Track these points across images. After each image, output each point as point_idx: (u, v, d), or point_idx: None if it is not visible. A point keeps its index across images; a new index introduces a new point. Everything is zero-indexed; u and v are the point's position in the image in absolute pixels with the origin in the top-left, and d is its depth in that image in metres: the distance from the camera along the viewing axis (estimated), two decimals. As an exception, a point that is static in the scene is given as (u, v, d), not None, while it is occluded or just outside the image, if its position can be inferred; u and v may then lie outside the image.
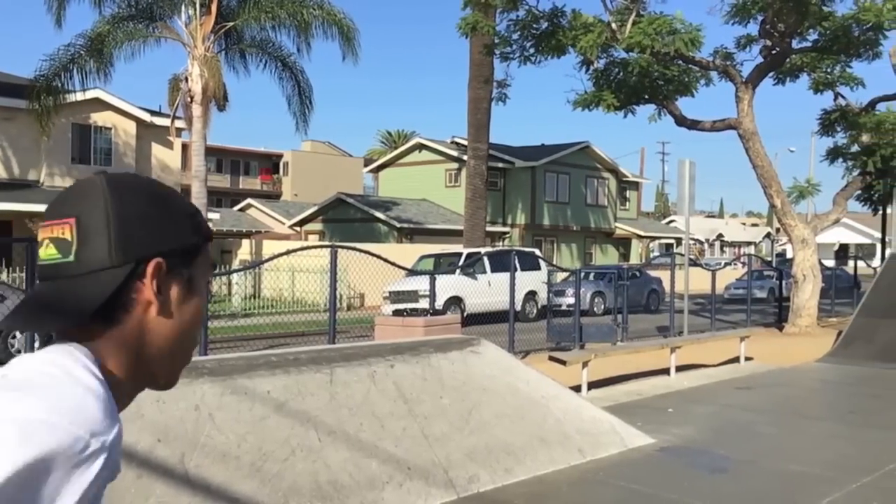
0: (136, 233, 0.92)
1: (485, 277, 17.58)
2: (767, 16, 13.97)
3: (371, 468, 4.56)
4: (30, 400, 0.80)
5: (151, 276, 0.93)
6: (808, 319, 15.08)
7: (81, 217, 0.91)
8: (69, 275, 0.91)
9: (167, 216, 0.96)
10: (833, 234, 47.76)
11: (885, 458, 5.83)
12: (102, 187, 0.92)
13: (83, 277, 0.90)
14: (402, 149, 40.02)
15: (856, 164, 16.82)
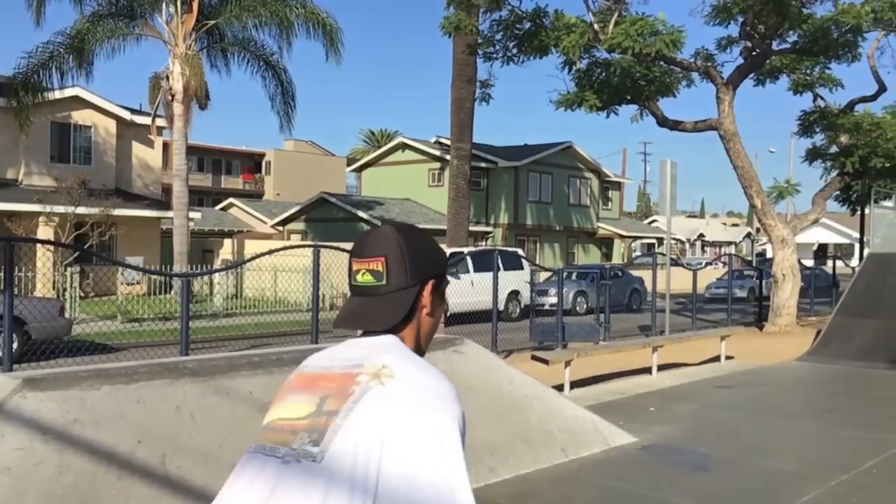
0: (420, 264, 1.44)
1: (468, 277, 17.58)
2: (748, 17, 14.09)
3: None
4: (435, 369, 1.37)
5: (429, 292, 1.45)
6: (787, 318, 15.22)
7: (388, 256, 1.42)
8: (382, 293, 1.42)
9: (434, 251, 1.48)
10: (812, 234, 48.26)
11: (863, 456, 5.89)
12: (396, 236, 1.44)
13: (392, 295, 1.42)
14: (385, 148, 39.95)
15: (834, 165, 17.00)
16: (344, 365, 1.40)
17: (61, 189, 20.50)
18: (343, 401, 1.32)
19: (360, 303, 1.47)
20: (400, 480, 1.23)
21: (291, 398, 1.44)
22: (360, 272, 1.46)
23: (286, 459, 1.33)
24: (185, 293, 7.96)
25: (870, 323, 12.69)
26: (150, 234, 24.58)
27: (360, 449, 1.25)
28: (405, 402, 1.29)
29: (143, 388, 4.16)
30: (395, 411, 1.28)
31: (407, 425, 1.26)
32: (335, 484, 1.25)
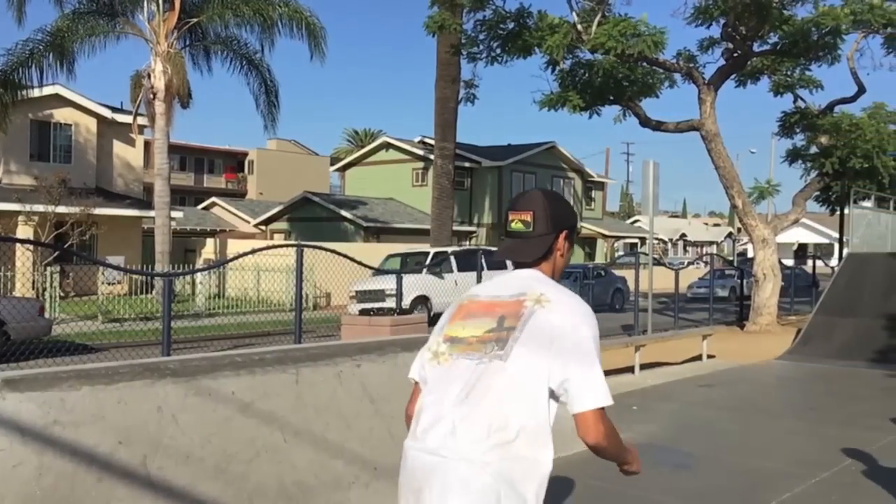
0: (557, 218, 2.09)
1: (452, 277, 17.59)
2: (729, 19, 14.19)
3: (337, 469, 4.54)
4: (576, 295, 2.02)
5: (563, 239, 2.10)
6: (768, 318, 15.34)
7: (535, 211, 2.07)
8: (529, 237, 2.06)
9: (568, 210, 2.15)
10: (792, 234, 48.71)
11: (843, 454, 5.96)
12: (542, 196, 2.10)
13: (537, 238, 2.06)
14: (369, 148, 39.89)
15: (814, 166, 17.16)
16: (511, 294, 2.07)
17: (41, 188, 20.29)
18: (517, 320, 2.00)
19: (513, 243, 2.14)
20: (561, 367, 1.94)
21: (474, 319, 2.07)
22: (514, 221, 2.12)
23: (482, 361, 1.98)
24: (167, 293, 7.91)
25: (849, 322, 12.83)
26: (131, 233, 24.38)
27: (533, 351, 1.95)
28: (562, 318, 1.98)
29: (124, 389, 4.13)
30: (556, 324, 1.96)
31: (565, 333, 1.95)
32: (519, 375, 1.94)
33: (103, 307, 16.25)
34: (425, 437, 2.05)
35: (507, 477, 1.94)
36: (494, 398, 1.95)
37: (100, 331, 12.83)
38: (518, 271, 2.13)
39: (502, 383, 1.95)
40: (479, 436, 1.92)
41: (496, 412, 1.94)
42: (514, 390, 1.95)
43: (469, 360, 2.00)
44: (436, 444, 1.99)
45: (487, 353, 1.98)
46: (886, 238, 17.81)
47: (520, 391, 1.95)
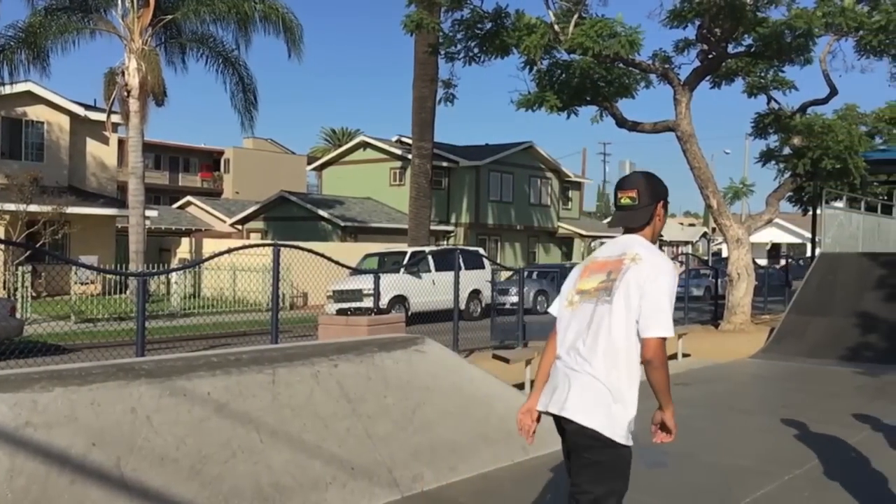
0: (654, 192, 2.91)
1: (429, 276, 17.58)
2: (704, 21, 14.32)
3: (314, 469, 4.51)
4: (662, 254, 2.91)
5: (661, 207, 2.91)
6: (742, 317, 15.51)
7: (638, 188, 2.90)
8: (636, 209, 2.88)
9: (662, 185, 2.98)
10: (766, 233, 49.30)
11: (815, 452, 6.04)
12: (641, 176, 2.96)
13: (641, 209, 2.87)
14: (346, 147, 39.75)
15: (787, 167, 17.35)
16: (617, 254, 2.88)
17: (12, 186, 19.98)
18: (619, 273, 2.80)
19: (623, 214, 2.94)
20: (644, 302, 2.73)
21: (594, 275, 2.91)
22: (622, 198, 2.93)
23: (597, 305, 2.82)
24: (141, 293, 7.82)
25: (821, 321, 13.01)
26: (104, 232, 24.09)
27: (630, 293, 2.76)
28: (648, 272, 2.76)
29: (97, 390, 4.08)
30: (643, 276, 2.76)
31: (648, 282, 2.75)
32: (618, 313, 2.76)
33: (76, 307, 16.04)
34: (564, 356, 2.91)
35: (616, 386, 2.83)
36: (605, 331, 2.80)
37: (73, 331, 12.66)
38: (625, 235, 2.96)
39: (609, 320, 2.80)
40: (596, 357, 2.81)
41: (606, 341, 2.79)
42: (616, 325, 2.78)
43: (589, 304, 2.88)
44: (569, 361, 2.88)
45: (600, 299, 2.84)
46: (858, 238, 18.08)
47: (621, 325, 2.78)
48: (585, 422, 2.83)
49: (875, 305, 13.03)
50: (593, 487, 2.93)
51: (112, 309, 16.28)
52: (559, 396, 2.87)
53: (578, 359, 2.83)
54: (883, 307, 12.91)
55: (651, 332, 2.74)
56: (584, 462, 2.93)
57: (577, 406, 2.82)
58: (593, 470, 2.93)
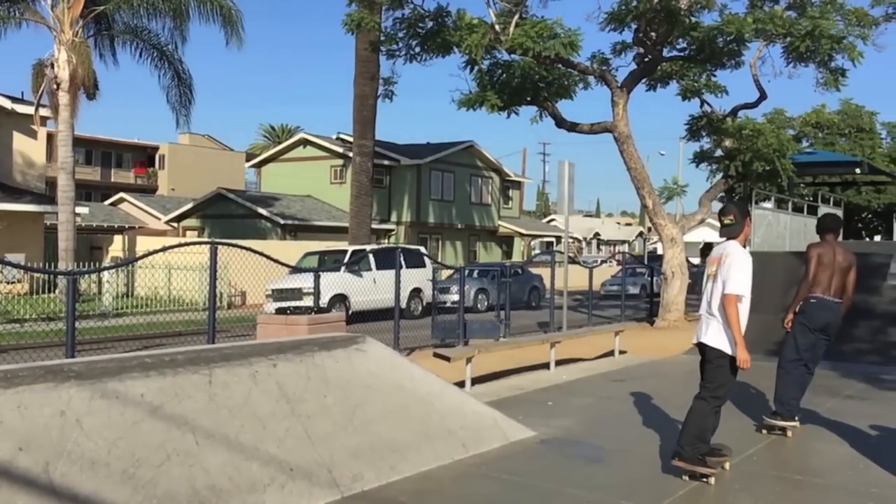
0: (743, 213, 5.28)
1: (370, 275, 17.50)
2: (641, 24, 14.63)
3: (252, 471, 4.45)
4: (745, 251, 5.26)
5: (748, 223, 5.24)
6: (676, 314, 15.90)
7: (734, 212, 5.25)
8: (732, 226, 5.19)
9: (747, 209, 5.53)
10: (698, 233, 50.54)
11: (745, 444, 6.25)
12: (734, 204, 5.44)
13: (735, 225, 5.18)
14: (286, 144, 39.27)
15: (719, 168, 17.86)
16: (719, 254, 5.16)
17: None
18: (721, 264, 5.09)
19: (726, 229, 5.13)
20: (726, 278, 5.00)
21: (710, 266, 5.23)
22: (724, 220, 5.17)
23: (714, 283, 5.14)
24: (71, 292, 7.59)
25: (751, 317, 13.39)
26: (32, 229, 23.22)
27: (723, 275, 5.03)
28: (733, 261, 5.02)
29: (24, 393, 3.94)
30: (731, 263, 5.01)
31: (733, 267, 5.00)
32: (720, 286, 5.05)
33: (2, 307, 15.43)
34: (703, 311, 5.26)
35: (722, 324, 5.08)
36: (716, 297, 5.07)
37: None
38: (728, 241, 5.16)
39: (717, 290, 5.06)
40: (712, 308, 5.15)
41: (717, 301, 5.07)
42: (719, 292, 5.05)
43: (710, 284, 5.20)
44: (705, 313, 5.24)
45: (715, 280, 5.13)
46: (785, 238, 18.74)
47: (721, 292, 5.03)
48: (713, 343, 5.17)
49: (801, 302, 13.52)
50: (715, 379, 5.25)
51: (40, 309, 15.72)
52: (701, 332, 5.27)
53: (707, 313, 5.27)
54: (808, 304, 13.40)
55: (728, 290, 5.01)
56: (712, 366, 5.23)
57: (710, 336, 5.18)
58: (716, 370, 5.22)
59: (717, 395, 5.22)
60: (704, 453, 5.12)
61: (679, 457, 5.13)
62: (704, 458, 5.10)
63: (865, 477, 5.37)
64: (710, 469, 5.09)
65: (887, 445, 6.24)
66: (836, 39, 14.48)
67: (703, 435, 5.16)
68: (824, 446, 6.29)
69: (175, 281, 18.71)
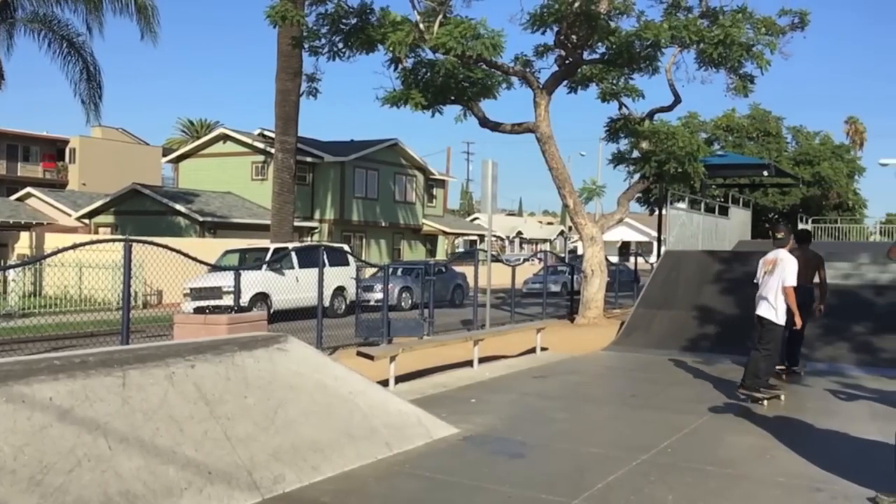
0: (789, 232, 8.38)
1: (292, 273, 17.26)
2: (562, 27, 14.90)
3: (168, 475, 4.33)
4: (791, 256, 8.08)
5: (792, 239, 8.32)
6: (595, 311, 16.26)
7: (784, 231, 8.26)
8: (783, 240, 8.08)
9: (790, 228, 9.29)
10: (617, 232, 51.99)
11: (660, 437, 6.45)
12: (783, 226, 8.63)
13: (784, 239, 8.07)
14: (205, 139, 38.28)
15: (636, 169, 18.36)
16: (773, 257, 7.92)
17: None
18: (776, 264, 7.83)
19: (778, 241, 8.00)
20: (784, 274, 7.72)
21: (766, 265, 7.96)
22: (777, 235, 8.11)
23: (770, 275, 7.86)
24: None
25: (666, 314, 13.89)
26: (-71, 226, 21.92)
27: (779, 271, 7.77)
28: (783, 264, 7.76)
29: (-81, 399, 3.72)
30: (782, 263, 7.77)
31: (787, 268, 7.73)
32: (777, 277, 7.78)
33: None
34: (760, 294, 7.93)
35: (775, 303, 7.74)
36: (772, 285, 7.78)
37: None
38: (779, 249, 7.89)
39: (773, 281, 7.77)
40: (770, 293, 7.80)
41: (773, 288, 7.76)
42: (776, 282, 7.72)
43: (768, 276, 7.85)
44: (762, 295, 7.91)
45: (771, 273, 7.82)
46: (698, 237, 19.44)
47: (777, 282, 7.71)
48: (766, 315, 7.77)
49: (713, 299, 14.07)
50: (765, 338, 7.80)
51: (-62, 310, 14.86)
52: (758, 308, 7.83)
53: (762, 296, 7.80)
54: (719, 300, 13.96)
55: (786, 283, 7.61)
56: (765, 330, 7.78)
57: (763, 310, 7.78)
58: (767, 332, 7.77)
59: (767, 349, 7.78)
60: (760, 386, 7.75)
61: (742, 386, 7.86)
62: (759, 388, 7.75)
63: (772, 466, 5.63)
64: (761, 395, 7.74)
65: (793, 436, 6.56)
66: (746, 47, 15.10)
67: (758, 373, 7.76)
68: (734, 438, 6.56)
69: (87, 280, 18.00)
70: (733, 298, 13.98)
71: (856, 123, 57.53)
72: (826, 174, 34.92)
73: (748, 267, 15.33)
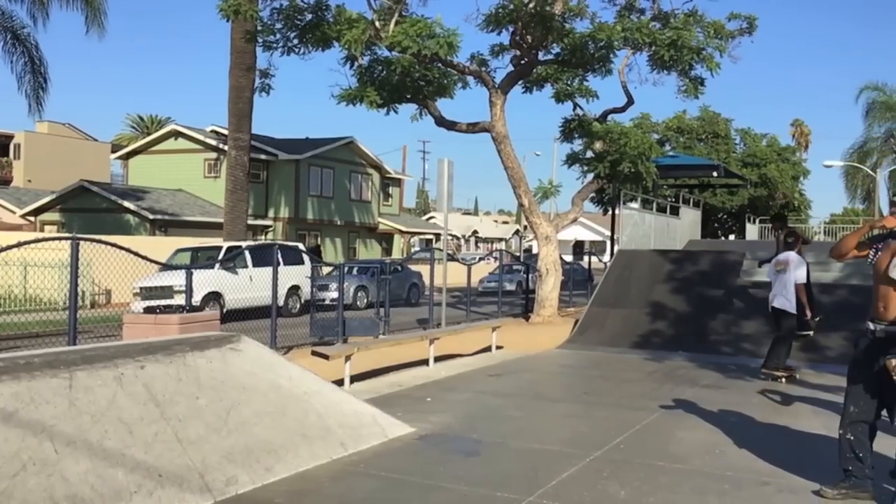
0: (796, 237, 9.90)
1: (246, 272, 17.04)
2: (517, 27, 15.00)
3: (117, 478, 4.24)
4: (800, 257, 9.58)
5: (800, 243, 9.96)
6: (550, 310, 16.41)
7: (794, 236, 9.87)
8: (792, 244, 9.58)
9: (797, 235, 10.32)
10: (571, 231, 52.59)
11: (613, 434, 6.54)
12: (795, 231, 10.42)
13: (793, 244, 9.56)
14: (156, 135, 37.52)
15: (590, 169, 18.55)
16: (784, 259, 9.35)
17: None
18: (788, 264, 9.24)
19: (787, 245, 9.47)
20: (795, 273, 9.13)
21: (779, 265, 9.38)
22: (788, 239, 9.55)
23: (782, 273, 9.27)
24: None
25: (619, 312, 14.10)
26: None
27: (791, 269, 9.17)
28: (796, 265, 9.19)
29: None
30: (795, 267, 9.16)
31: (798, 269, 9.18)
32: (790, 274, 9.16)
33: None
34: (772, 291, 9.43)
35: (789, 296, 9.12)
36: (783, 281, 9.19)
37: None
38: (789, 252, 9.30)
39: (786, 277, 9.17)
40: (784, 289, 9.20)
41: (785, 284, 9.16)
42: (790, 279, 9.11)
43: (780, 273, 9.27)
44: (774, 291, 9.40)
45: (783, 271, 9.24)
46: (650, 236, 19.77)
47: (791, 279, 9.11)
48: (780, 307, 9.22)
49: (664, 297, 14.33)
50: (782, 326, 9.28)
51: None
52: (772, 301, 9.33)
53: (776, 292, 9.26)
54: (670, 298, 14.23)
55: (798, 281, 9.03)
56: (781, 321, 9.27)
57: (777, 302, 9.23)
58: (783, 321, 9.25)
59: (783, 335, 9.29)
60: (779, 366, 9.25)
61: (764, 366, 9.32)
62: (778, 368, 9.23)
63: (721, 461, 5.76)
64: (781, 373, 9.21)
65: (741, 431, 6.72)
66: (696, 50, 15.39)
67: (779, 355, 9.26)
68: (684, 433, 6.68)
69: (32, 279, 17.51)
70: (684, 297, 14.27)
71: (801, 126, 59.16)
72: (772, 175, 35.85)
73: (699, 266, 15.69)
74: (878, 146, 46.27)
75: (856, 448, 4.79)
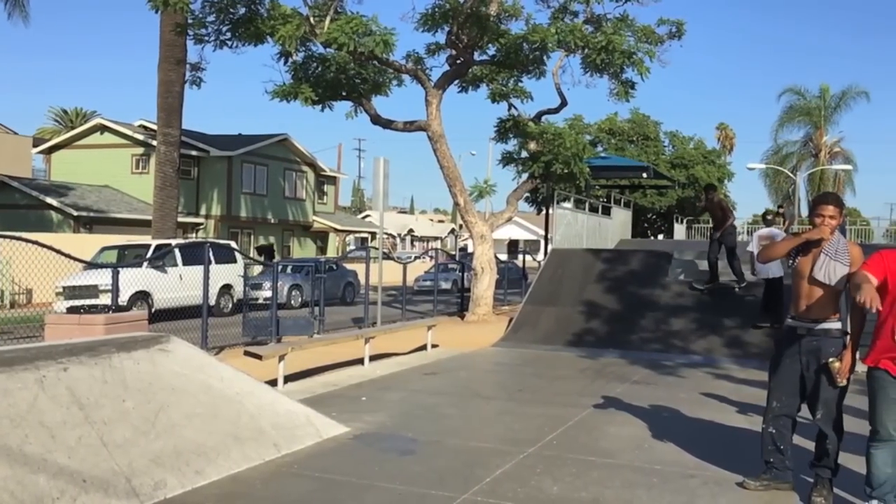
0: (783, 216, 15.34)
1: (176, 271, 16.63)
2: (453, 27, 15.05)
3: (38, 484, 4.08)
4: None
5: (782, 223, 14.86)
6: (485, 308, 16.53)
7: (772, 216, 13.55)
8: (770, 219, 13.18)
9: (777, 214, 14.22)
10: (506, 230, 53.05)
11: (546, 430, 6.64)
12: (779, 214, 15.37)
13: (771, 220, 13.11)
14: (81, 129, 36.26)
15: (524, 169, 18.75)
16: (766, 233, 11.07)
17: None
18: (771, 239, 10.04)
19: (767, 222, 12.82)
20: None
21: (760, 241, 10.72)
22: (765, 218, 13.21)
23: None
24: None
25: (552, 310, 14.31)
26: None
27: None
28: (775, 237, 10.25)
29: None
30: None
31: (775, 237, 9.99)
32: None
33: None
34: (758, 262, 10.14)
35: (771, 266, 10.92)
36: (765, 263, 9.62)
37: None
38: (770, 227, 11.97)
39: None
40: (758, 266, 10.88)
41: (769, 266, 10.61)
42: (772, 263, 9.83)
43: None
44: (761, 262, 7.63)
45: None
46: (582, 236, 20.13)
47: None
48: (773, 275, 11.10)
49: (596, 295, 14.61)
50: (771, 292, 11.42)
51: None
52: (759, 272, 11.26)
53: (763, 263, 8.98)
54: (603, 297, 14.52)
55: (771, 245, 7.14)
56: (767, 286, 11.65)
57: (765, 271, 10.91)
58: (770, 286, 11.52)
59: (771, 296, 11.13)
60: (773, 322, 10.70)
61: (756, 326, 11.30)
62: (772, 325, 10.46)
63: (650, 455, 5.91)
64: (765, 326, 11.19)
65: (669, 426, 6.91)
66: (627, 54, 15.71)
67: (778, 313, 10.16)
68: (615, 429, 6.83)
69: (-55, 278, 16.66)
70: (616, 295, 14.57)
71: (726, 129, 61.14)
72: (700, 177, 36.94)
73: (630, 265, 16.05)
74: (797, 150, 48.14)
75: (777, 441, 4.98)
